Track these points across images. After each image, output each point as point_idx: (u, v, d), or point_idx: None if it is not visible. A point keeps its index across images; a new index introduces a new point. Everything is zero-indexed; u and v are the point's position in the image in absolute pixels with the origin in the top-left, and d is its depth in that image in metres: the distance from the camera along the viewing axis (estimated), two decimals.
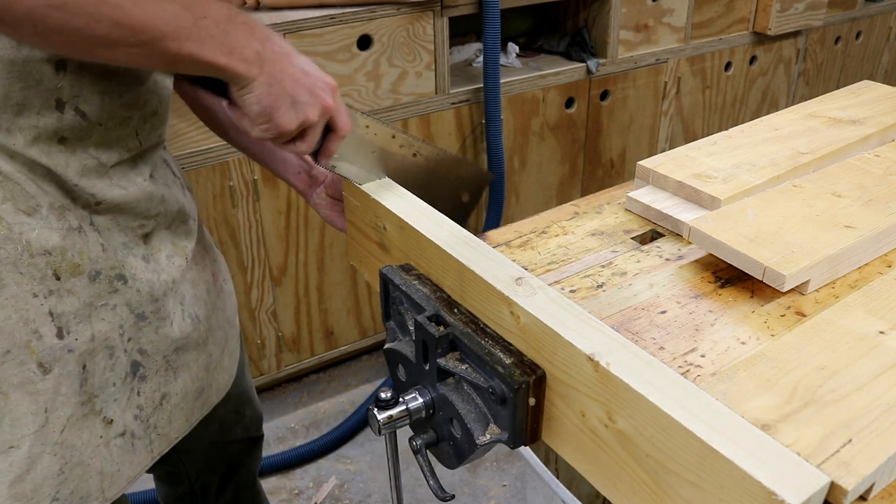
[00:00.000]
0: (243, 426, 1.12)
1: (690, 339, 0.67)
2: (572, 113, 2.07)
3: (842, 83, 2.70)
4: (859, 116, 1.02)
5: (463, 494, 1.77)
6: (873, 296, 0.72)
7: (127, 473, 0.83)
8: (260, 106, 0.71)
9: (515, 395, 0.63)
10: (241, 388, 1.07)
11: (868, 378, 0.61)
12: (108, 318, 0.77)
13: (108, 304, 0.77)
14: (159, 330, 0.82)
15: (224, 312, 0.97)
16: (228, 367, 0.98)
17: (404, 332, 0.78)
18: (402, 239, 0.81)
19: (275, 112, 0.72)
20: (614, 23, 2.01)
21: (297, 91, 0.73)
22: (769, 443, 0.50)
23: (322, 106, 0.75)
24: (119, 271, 0.77)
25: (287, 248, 1.80)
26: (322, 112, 0.75)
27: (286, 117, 0.73)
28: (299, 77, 0.73)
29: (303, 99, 0.73)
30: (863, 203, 0.81)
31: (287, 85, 0.72)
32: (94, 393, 0.77)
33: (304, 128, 0.76)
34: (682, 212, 0.85)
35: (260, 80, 0.70)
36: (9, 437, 0.73)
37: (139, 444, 0.83)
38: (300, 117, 0.74)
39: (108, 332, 0.77)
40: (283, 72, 0.72)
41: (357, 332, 2.03)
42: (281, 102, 0.72)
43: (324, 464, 1.85)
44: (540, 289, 0.66)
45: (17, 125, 0.68)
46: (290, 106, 0.73)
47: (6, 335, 0.71)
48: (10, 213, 0.69)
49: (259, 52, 0.69)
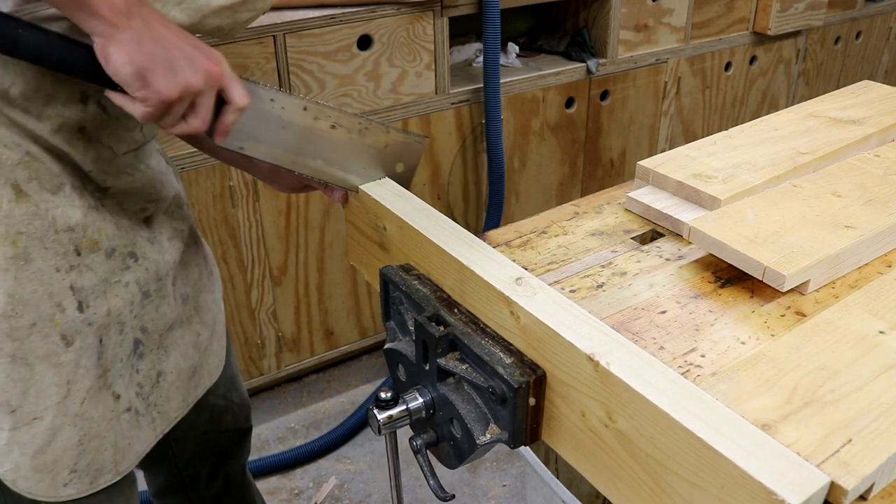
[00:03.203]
0: (232, 414, 1.12)
1: (690, 339, 0.67)
2: (572, 113, 2.07)
3: (842, 83, 2.70)
4: (859, 116, 1.02)
5: (463, 494, 1.77)
6: (873, 296, 0.72)
7: (136, 448, 0.85)
8: (131, 66, 0.64)
9: (515, 395, 0.63)
10: (229, 374, 1.09)
11: (868, 378, 0.61)
12: (121, 294, 0.80)
13: (122, 280, 0.80)
14: (159, 308, 0.85)
15: (213, 294, 0.99)
16: (218, 351, 1.00)
17: (404, 332, 0.78)
18: (402, 239, 0.81)
19: (150, 74, 0.64)
20: (614, 23, 2.01)
21: (174, 53, 0.65)
22: (769, 443, 0.50)
23: (206, 70, 0.67)
24: (132, 249, 0.80)
25: (287, 248, 1.80)
26: (206, 78, 0.68)
27: (164, 81, 0.65)
28: (175, 41, 0.66)
29: (181, 61, 0.66)
30: (863, 203, 0.81)
31: (162, 44, 0.65)
32: (107, 367, 0.80)
33: (190, 97, 0.68)
34: (682, 212, 0.85)
35: (128, 33, 0.63)
36: (34, 408, 0.76)
37: (143, 421, 0.86)
38: (180, 81, 0.66)
39: (121, 308, 0.80)
40: (159, 31, 0.65)
41: (357, 332, 2.03)
42: (156, 62, 0.64)
43: (324, 464, 1.85)
44: (540, 289, 0.66)
45: (45, 114, 0.71)
46: (166, 67, 0.65)
47: (33, 308, 0.73)
48: (37, 191, 0.72)
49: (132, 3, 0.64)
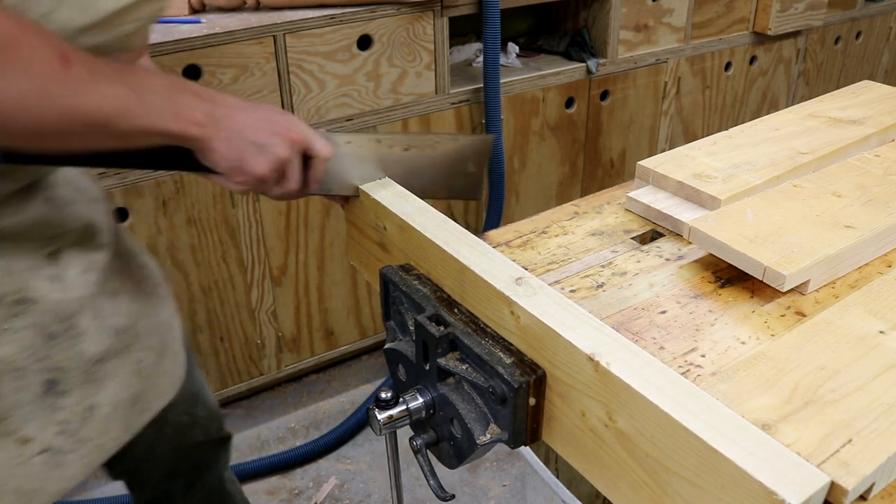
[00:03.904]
0: (201, 428, 1.10)
1: (690, 338, 0.67)
2: (572, 113, 2.07)
3: (842, 83, 2.70)
4: (859, 116, 1.02)
5: (463, 494, 1.77)
6: (873, 296, 0.72)
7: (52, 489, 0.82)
8: (227, 162, 0.73)
9: (515, 395, 0.63)
10: (191, 390, 1.06)
11: (868, 378, 0.61)
12: (13, 341, 0.76)
13: (13, 327, 0.76)
14: (73, 347, 0.81)
15: (156, 318, 0.95)
16: (171, 371, 0.96)
17: (404, 332, 0.78)
18: (402, 239, 0.81)
19: (243, 163, 0.73)
20: (614, 23, 2.01)
21: (259, 136, 0.74)
22: (769, 443, 0.50)
23: (289, 140, 0.76)
24: (23, 294, 0.77)
25: (287, 248, 1.80)
26: (291, 145, 0.76)
27: (256, 163, 0.74)
28: (256, 123, 0.74)
29: (267, 141, 0.74)
30: (863, 203, 0.81)
31: (247, 133, 0.73)
32: (4, 416, 0.77)
33: (280, 167, 0.76)
34: (682, 212, 0.85)
35: (218, 137, 0.71)
36: None
37: (69, 458, 0.83)
38: (270, 158, 0.74)
39: (15, 355, 0.76)
40: (239, 122, 0.73)
41: (357, 332, 2.03)
42: (246, 151, 0.73)
43: (324, 464, 1.85)
44: (540, 289, 0.66)
45: None
46: (256, 151, 0.74)
47: None
48: None
49: (209, 112, 0.71)
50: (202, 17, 1.58)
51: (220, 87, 1.53)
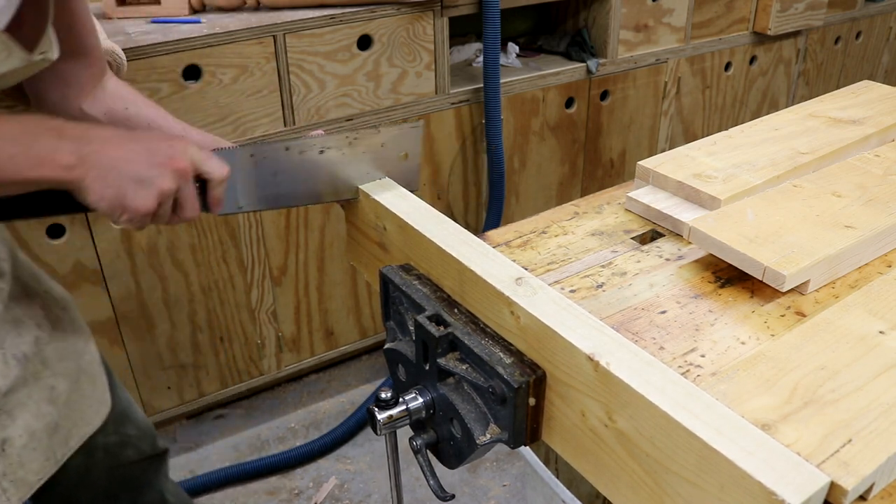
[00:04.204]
0: (132, 447, 1.07)
1: (690, 339, 0.67)
2: (572, 113, 2.07)
3: (842, 83, 2.70)
4: (859, 116, 1.02)
5: (463, 494, 1.77)
6: (873, 296, 0.72)
7: None
8: (105, 201, 0.68)
9: (515, 395, 0.63)
10: (117, 410, 1.03)
11: (868, 378, 0.61)
12: None
13: None
14: None
15: (64, 342, 0.91)
16: (91, 394, 0.93)
17: (404, 332, 0.78)
18: (402, 239, 0.81)
19: (124, 199, 0.68)
20: (614, 23, 2.01)
21: (137, 169, 0.69)
22: (769, 443, 0.50)
23: (172, 170, 0.70)
24: None
25: (287, 248, 1.80)
26: (176, 176, 0.71)
27: (139, 198, 0.69)
28: (133, 156, 0.69)
29: (147, 173, 0.69)
30: (863, 203, 0.81)
31: (123, 168, 0.68)
32: None
33: (169, 198, 0.71)
34: (682, 212, 0.85)
35: (89, 176, 0.66)
36: None
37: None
38: (154, 192, 0.69)
39: None
40: (113, 157, 0.68)
41: (357, 332, 2.03)
42: (124, 187, 0.68)
43: (324, 464, 1.85)
44: (540, 289, 0.66)
45: None
46: (137, 186, 0.68)
47: None
48: None
49: (75, 152, 0.66)
50: (202, 17, 1.58)
51: (221, 86, 1.53)
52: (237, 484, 1.78)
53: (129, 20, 1.58)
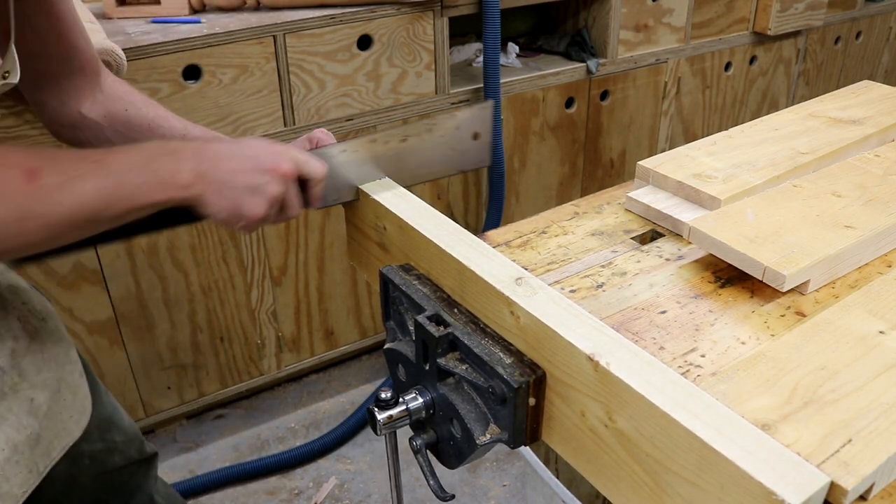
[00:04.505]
0: (119, 453, 1.06)
1: (690, 339, 0.67)
2: (572, 113, 2.07)
3: (842, 83, 2.70)
4: (859, 116, 1.02)
5: (463, 494, 1.77)
6: (873, 296, 0.72)
7: None
8: (224, 213, 0.73)
9: (515, 395, 0.63)
10: (102, 417, 1.02)
11: (868, 378, 0.61)
12: None
13: None
14: None
15: (44, 353, 0.90)
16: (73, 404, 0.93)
17: (404, 332, 0.78)
18: (402, 239, 0.81)
19: (240, 209, 0.73)
20: (614, 23, 2.01)
21: (248, 179, 0.73)
22: (769, 443, 0.50)
23: (280, 175, 0.75)
24: None
25: (287, 248, 1.80)
26: (283, 180, 0.76)
27: (252, 207, 0.74)
28: (243, 166, 0.74)
29: (257, 181, 0.74)
30: (863, 203, 0.81)
31: (236, 180, 0.73)
32: None
33: (278, 202, 0.76)
34: (682, 212, 0.85)
35: (208, 191, 0.71)
36: None
37: None
38: (265, 199, 0.74)
39: None
40: (226, 170, 0.73)
41: (357, 332, 2.03)
42: (240, 199, 0.73)
43: (324, 464, 1.85)
44: (540, 289, 0.66)
45: None
46: (250, 195, 0.74)
47: None
48: None
49: (193, 170, 0.70)
50: (202, 17, 1.58)
51: (221, 86, 1.53)
52: (237, 484, 1.79)
53: (129, 20, 1.58)
